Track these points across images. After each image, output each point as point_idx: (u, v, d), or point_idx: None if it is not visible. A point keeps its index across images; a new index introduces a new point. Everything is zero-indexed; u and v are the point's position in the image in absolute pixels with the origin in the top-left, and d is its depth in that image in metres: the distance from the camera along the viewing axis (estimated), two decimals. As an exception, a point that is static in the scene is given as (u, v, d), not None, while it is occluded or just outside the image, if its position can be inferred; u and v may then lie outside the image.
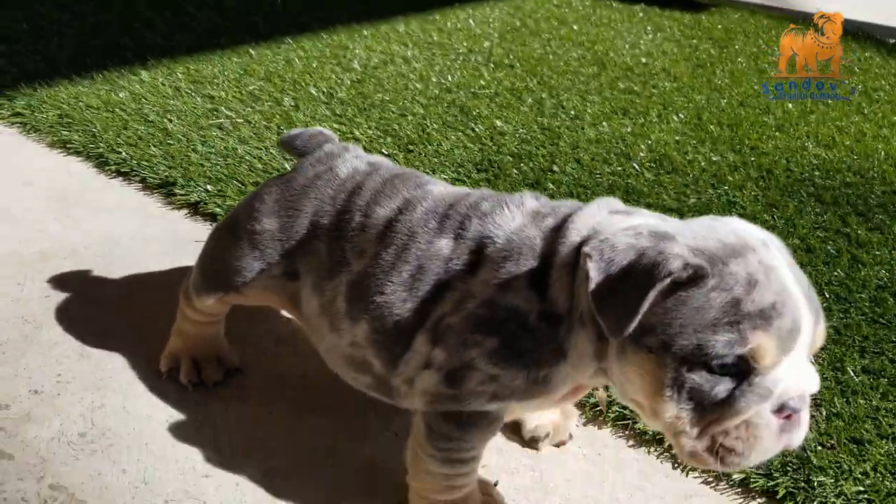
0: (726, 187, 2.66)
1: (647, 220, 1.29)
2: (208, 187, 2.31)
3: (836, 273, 2.24)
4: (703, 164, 2.81)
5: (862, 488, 1.58)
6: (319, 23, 3.73)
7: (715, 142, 3.00)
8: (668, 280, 1.13)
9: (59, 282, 1.95)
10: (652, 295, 1.13)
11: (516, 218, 1.35)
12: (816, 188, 2.72)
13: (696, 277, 1.14)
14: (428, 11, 4.11)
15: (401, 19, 3.94)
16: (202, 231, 2.20)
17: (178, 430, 1.60)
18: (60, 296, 1.91)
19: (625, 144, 2.89)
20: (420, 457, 1.39)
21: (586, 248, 1.18)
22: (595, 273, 1.16)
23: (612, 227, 1.25)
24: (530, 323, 1.25)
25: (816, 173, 2.82)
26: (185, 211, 2.29)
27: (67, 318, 1.84)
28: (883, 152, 3.05)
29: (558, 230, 1.29)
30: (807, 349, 1.18)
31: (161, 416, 1.62)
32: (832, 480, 1.59)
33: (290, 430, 1.62)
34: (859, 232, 2.46)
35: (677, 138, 2.99)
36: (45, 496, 1.44)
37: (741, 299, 1.14)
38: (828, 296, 2.14)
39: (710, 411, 1.16)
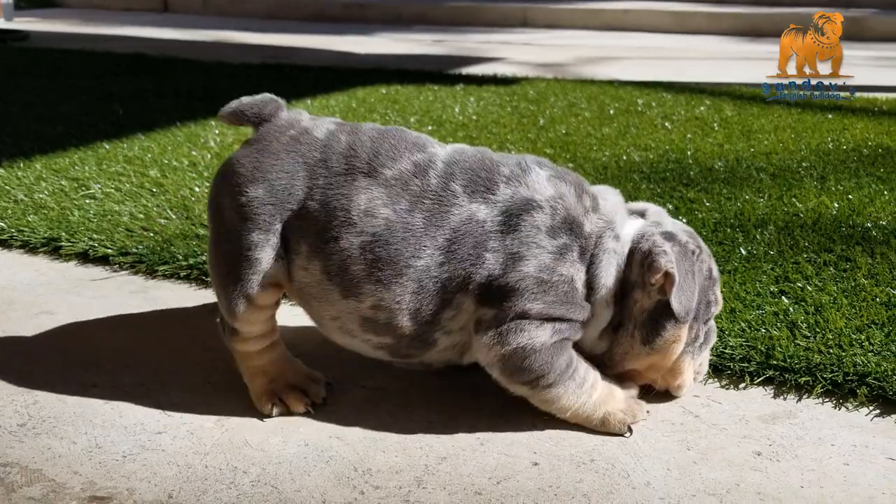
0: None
1: (643, 219, 1.65)
2: (95, 236, 2.36)
3: (679, 219, 2.56)
4: (547, 171, 3.12)
5: (744, 338, 1.82)
6: (166, 120, 3.87)
7: (553, 158, 3.34)
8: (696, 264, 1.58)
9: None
10: (696, 278, 1.56)
11: (544, 183, 1.55)
12: (645, 173, 3.09)
13: (697, 257, 1.58)
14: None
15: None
16: (97, 272, 2.24)
17: (120, 405, 1.62)
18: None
19: (476, 168, 3.17)
20: (544, 401, 1.54)
21: (663, 263, 1.51)
22: (677, 284, 1.51)
23: (642, 226, 1.60)
24: (578, 288, 1.53)
25: (643, 166, 3.21)
26: (75, 261, 2.32)
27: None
28: (692, 147, 3.50)
29: (597, 213, 1.58)
30: None
31: (97, 401, 1.63)
32: (717, 338, 1.83)
33: (234, 386, 1.67)
34: (689, 195, 2.82)
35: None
36: (-4, 475, 1.41)
37: (711, 267, 1.64)
38: (678, 233, 2.45)
39: (698, 352, 1.66)
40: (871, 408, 1.65)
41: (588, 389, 1.56)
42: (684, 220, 2.54)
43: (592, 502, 1.38)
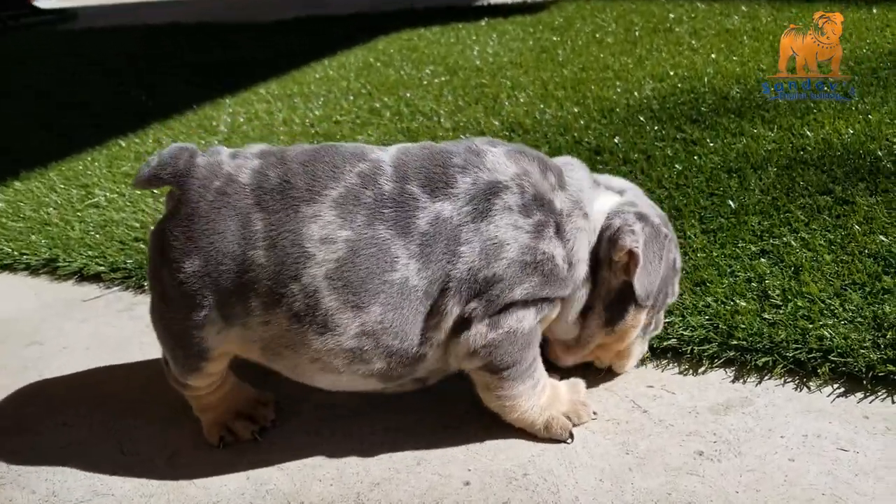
0: (574, 133, 2.85)
1: (619, 195, 1.59)
2: (90, 253, 2.43)
3: (675, 167, 2.43)
4: (550, 120, 3.01)
5: (707, 316, 1.73)
6: (185, 103, 3.91)
7: (560, 102, 3.21)
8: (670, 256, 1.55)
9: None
10: (663, 264, 1.52)
11: (504, 161, 1.48)
12: (653, 112, 2.93)
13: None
14: (285, 72, 4.32)
15: (261, 84, 4.14)
16: (90, 291, 2.32)
17: (83, 446, 1.68)
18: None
19: (478, 125, 3.09)
20: (504, 395, 1.50)
21: (629, 242, 1.47)
22: (641, 265, 1.46)
23: (616, 203, 1.55)
24: (559, 264, 1.47)
25: (654, 102, 3.04)
26: (72, 280, 2.40)
27: (-32, 390, 1.93)
28: (712, 71, 3.29)
29: (564, 191, 1.51)
30: None
31: (64, 443, 1.71)
32: (679, 318, 1.74)
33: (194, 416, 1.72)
34: (694, 134, 2.66)
35: (526, 108, 3.19)
36: (-37, 530, 1.51)
37: (676, 258, 1.59)
38: (667, 187, 2.32)
39: (648, 334, 1.65)
40: (834, 387, 1.56)
41: (539, 392, 1.53)
42: (680, 168, 2.41)
43: (515, 525, 1.36)
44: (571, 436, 1.52)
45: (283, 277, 1.39)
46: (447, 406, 1.66)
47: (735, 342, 1.65)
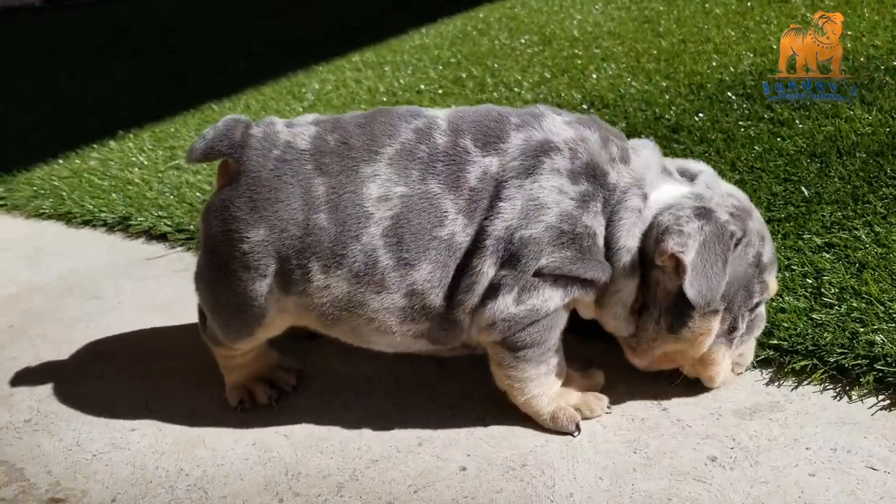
0: (655, 108, 2.71)
1: (690, 181, 1.44)
2: (158, 213, 2.51)
3: (754, 149, 2.27)
4: (634, 94, 2.87)
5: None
6: (280, 68, 3.97)
7: (650, 74, 3.05)
8: (736, 249, 1.37)
9: (24, 313, 2.15)
10: (729, 266, 1.35)
11: (561, 126, 1.41)
12: (746, 88, 2.74)
13: (738, 242, 1.37)
14: (383, 40, 4.32)
15: (356, 51, 4.16)
16: (156, 249, 2.40)
17: (114, 398, 1.74)
18: (24, 322, 2.10)
19: (559, 97, 2.98)
20: (515, 376, 1.43)
21: (671, 245, 1.32)
22: (691, 269, 1.31)
23: (678, 195, 1.40)
24: (599, 244, 1.38)
25: (748, 78, 2.84)
26: (143, 238, 2.48)
27: (27, 337, 2.03)
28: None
29: (626, 166, 1.41)
30: None
31: (99, 392, 1.77)
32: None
33: (212, 380, 1.74)
34: (784, 114, 2.47)
35: (612, 81, 3.06)
36: (-8, 471, 1.59)
37: (761, 252, 1.41)
38: (741, 170, 2.17)
39: (737, 342, 1.45)
40: (878, 398, 1.41)
41: (551, 380, 1.46)
42: (759, 150, 2.25)
43: (502, 517, 1.31)
44: (578, 428, 1.45)
45: (345, 238, 1.39)
46: (461, 386, 1.61)
47: (775, 342, 1.52)
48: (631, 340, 1.48)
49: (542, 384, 1.45)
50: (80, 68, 4.77)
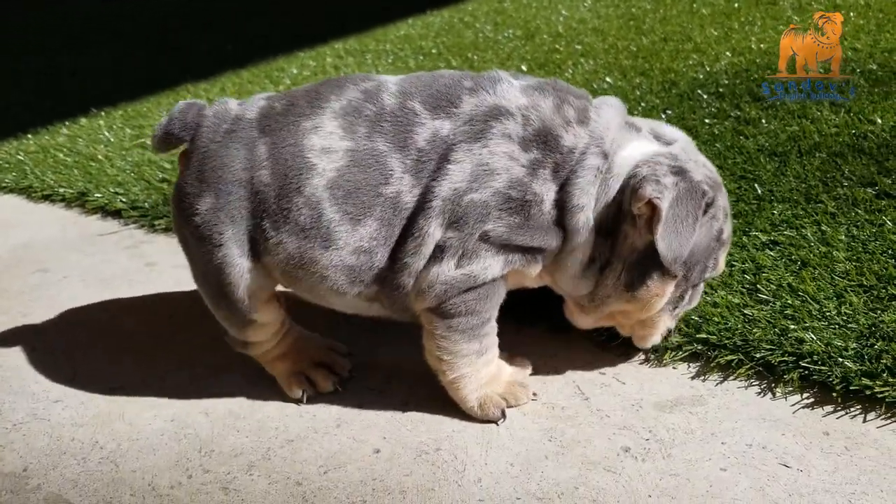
0: (627, 105, 2.68)
1: (666, 146, 1.41)
2: (115, 190, 2.49)
3: (715, 146, 2.24)
4: (607, 90, 2.84)
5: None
6: (264, 52, 3.95)
7: (625, 71, 3.03)
8: (707, 213, 1.35)
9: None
10: (699, 226, 1.33)
11: (516, 93, 1.38)
12: (718, 87, 2.71)
13: (709, 205, 1.35)
14: (369, 28, 4.30)
15: (339, 38, 4.14)
16: (110, 225, 2.38)
17: (45, 369, 1.72)
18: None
19: (532, 90, 2.95)
20: (446, 347, 1.40)
21: (649, 191, 1.29)
22: (664, 220, 1.29)
23: (654, 151, 1.37)
24: (546, 210, 1.35)
25: (723, 77, 2.82)
26: (98, 215, 2.47)
27: (-31, 308, 2.01)
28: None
29: (585, 127, 1.36)
30: None
31: (28, 363, 1.75)
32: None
33: (160, 347, 1.72)
34: (752, 113, 2.45)
35: (588, 77, 3.03)
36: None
37: (723, 229, 1.40)
38: (698, 166, 2.14)
39: (678, 312, 1.46)
40: (802, 396, 1.39)
41: (483, 364, 1.43)
42: (720, 148, 2.22)
43: (408, 499, 1.28)
44: (504, 415, 1.42)
45: (289, 189, 1.37)
46: (391, 368, 1.59)
47: (703, 336, 1.50)
48: (582, 299, 1.44)
49: (473, 364, 1.42)
50: (65, 49, 4.75)
